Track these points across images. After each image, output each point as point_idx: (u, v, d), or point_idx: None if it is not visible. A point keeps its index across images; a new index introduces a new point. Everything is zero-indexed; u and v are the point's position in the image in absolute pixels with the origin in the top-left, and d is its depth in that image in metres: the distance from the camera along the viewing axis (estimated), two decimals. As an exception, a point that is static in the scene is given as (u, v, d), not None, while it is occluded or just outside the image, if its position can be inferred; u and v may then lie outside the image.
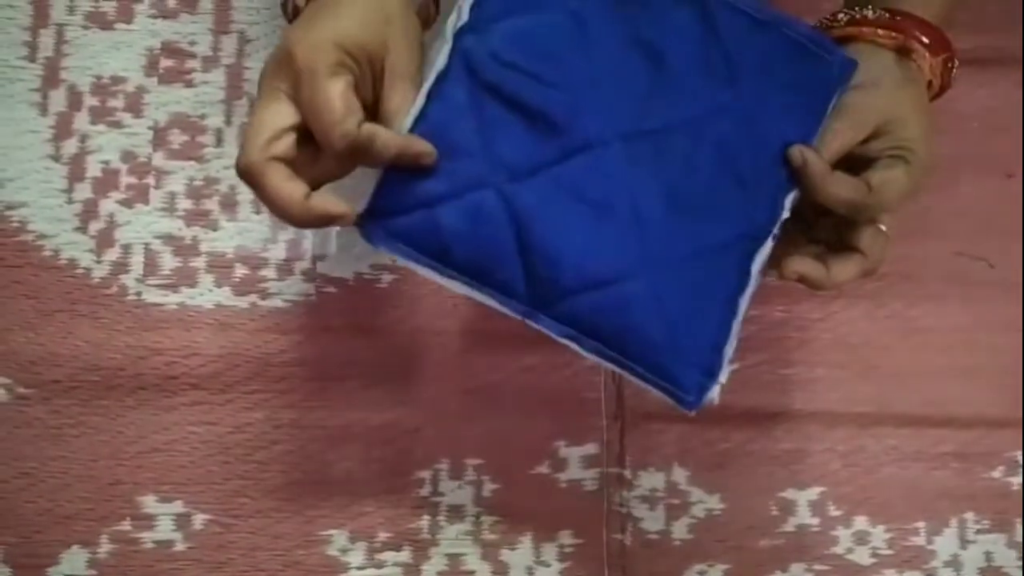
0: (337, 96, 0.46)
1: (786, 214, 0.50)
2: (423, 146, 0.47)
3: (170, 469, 0.64)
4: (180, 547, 0.64)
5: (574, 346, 0.49)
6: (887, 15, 0.58)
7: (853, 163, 0.57)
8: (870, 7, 0.58)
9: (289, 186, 0.46)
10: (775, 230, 0.50)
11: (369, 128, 0.46)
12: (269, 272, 0.66)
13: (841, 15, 0.58)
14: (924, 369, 0.68)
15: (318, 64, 0.46)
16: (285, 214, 0.46)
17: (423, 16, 0.51)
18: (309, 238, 0.67)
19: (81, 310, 0.65)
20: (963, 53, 0.71)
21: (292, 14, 0.50)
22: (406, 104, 0.48)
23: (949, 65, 0.59)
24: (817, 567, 0.66)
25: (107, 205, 0.66)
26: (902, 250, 0.70)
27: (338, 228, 0.66)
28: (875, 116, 0.56)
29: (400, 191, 0.47)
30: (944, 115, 0.71)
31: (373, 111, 0.48)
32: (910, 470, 0.67)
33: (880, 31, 0.58)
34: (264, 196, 0.46)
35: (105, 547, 0.63)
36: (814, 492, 0.67)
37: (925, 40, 0.58)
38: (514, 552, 0.65)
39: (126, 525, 0.64)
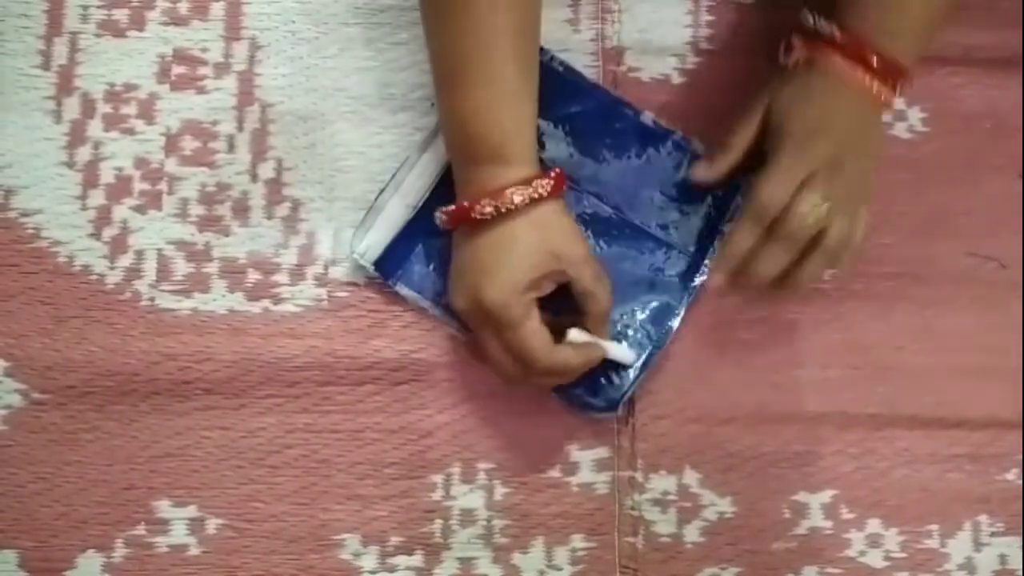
0: (532, 335, 0.57)
1: None
2: (598, 357, 0.60)
3: (184, 474, 0.64)
4: (194, 551, 0.64)
5: None
6: (840, 34, 0.60)
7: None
8: (824, 21, 0.61)
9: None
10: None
11: (561, 356, 0.58)
12: (281, 277, 0.67)
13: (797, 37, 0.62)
14: (936, 370, 0.68)
15: (512, 314, 0.56)
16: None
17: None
18: (321, 243, 0.67)
19: (95, 316, 0.66)
20: (974, 52, 0.72)
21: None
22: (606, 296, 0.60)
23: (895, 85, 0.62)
24: (830, 570, 0.66)
25: (120, 211, 0.67)
26: (913, 251, 0.69)
27: (348, 233, 0.67)
28: (755, 114, 0.63)
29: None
30: (955, 116, 0.71)
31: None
32: (923, 472, 0.67)
33: (835, 57, 0.60)
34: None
35: (120, 551, 0.64)
36: (826, 495, 0.66)
37: (873, 65, 0.60)
38: (526, 556, 0.65)
39: (141, 529, 0.64)
